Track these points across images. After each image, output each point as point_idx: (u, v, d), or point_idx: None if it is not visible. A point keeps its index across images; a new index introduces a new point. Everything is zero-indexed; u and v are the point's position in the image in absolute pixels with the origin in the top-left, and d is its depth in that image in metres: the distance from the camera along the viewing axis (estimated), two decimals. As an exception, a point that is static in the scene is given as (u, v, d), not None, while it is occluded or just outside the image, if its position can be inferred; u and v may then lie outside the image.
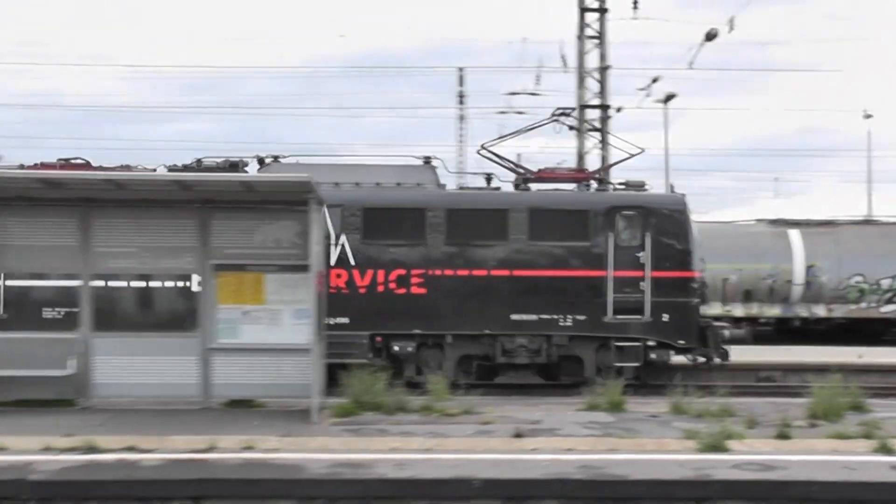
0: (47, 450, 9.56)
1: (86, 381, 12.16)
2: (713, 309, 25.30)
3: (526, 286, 16.28)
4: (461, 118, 49.97)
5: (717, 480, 8.43)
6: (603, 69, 26.18)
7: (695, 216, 17.98)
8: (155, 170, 16.42)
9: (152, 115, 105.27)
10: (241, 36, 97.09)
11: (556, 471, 8.69)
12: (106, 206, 12.27)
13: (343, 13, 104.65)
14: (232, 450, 9.61)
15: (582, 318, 16.33)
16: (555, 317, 16.34)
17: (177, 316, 13.03)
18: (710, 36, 24.56)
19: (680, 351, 16.89)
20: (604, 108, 26.42)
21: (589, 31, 26.10)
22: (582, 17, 25.96)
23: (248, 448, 9.67)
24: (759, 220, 30.08)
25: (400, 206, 16.52)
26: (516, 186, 17.77)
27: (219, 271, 12.12)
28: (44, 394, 12.15)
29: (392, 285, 16.07)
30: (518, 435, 10.30)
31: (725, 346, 16.96)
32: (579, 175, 18.84)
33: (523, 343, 16.27)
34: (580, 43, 26.12)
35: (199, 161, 17.56)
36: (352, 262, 16.25)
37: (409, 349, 16.09)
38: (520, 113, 43.22)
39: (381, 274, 16.10)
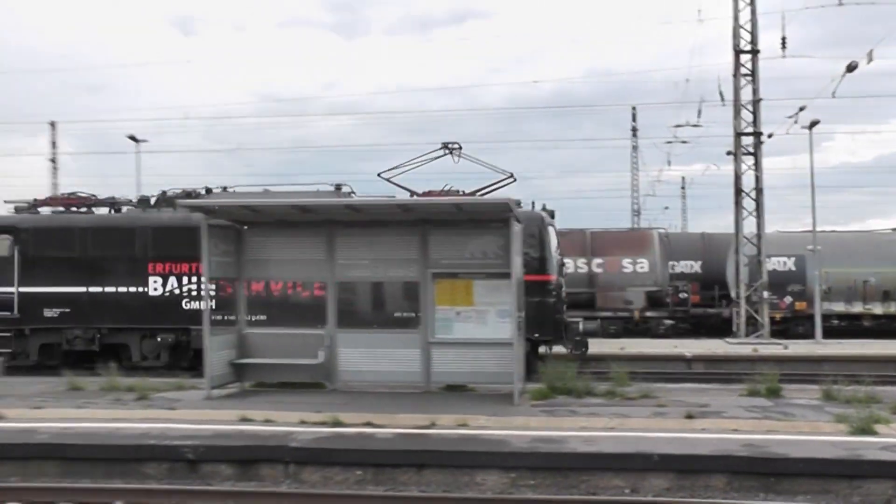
0: (303, 423, 10.80)
1: (332, 368, 13.83)
2: (855, 308, 29.07)
3: None
4: (634, 148, 54.49)
5: (867, 461, 8.67)
6: (755, 102, 28.83)
7: (557, 228, 19.60)
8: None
9: (384, 153, 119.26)
10: (452, 84, 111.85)
11: (722, 448, 9.10)
12: (346, 227, 13.91)
13: (537, 62, 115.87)
14: (448, 426, 10.51)
15: None
16: None
17: (403, 316, 15.03)
18: (851, 68, 25.04)
19: (536, 343, 18.24)
20: (757, 135, 28.97)
21: (743, 70, 28.91)
22: (737, 59, 28.97)
23: (462, 425, 10.54)
24: (894, 230, 33.27)
25: None
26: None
27: (436, 279, 13.54)
28: (300, 378, 14.02)
29: None
30: (689, 416, 10.95)
31: (580, 339, 18.99)
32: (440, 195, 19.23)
33: None
34: (736, 80, 29.07)
35: (163, 192, 20.71)
36: None
37: None
38: (684, 142, 46.06)
39: None
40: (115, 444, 10.09)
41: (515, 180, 18.28)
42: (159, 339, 19.57)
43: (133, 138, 27.92)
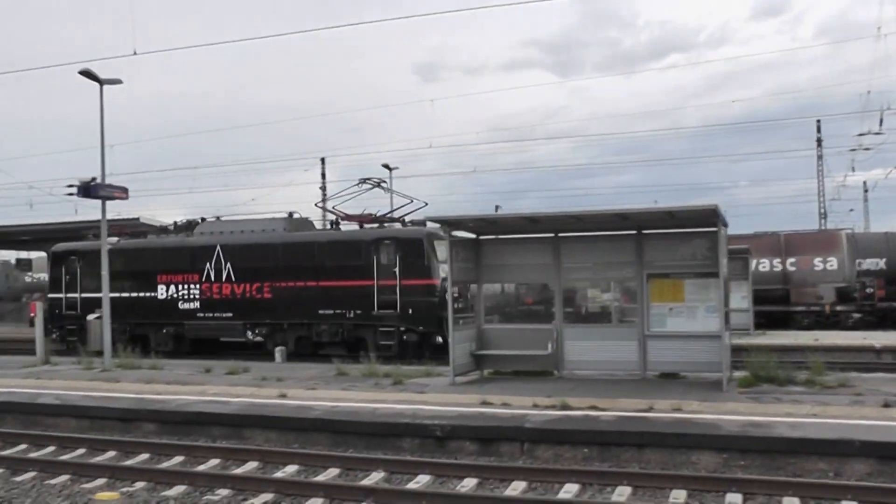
0: (535, 406, 11.53)
1: (559, 358, 14.75)
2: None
3: None
4: (819, 158, 53.87)
5: None
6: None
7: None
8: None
9: (597, 171, 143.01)
10: (654, 109, 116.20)
11: (923, 436, 8.79)
12: (570, 235, 14.98)
13: (733, 86, 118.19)
14: (664, 410, 10.96)
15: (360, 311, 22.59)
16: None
17: (621, 311, 16.20)
18: None
19: (422, 335, 21.88)
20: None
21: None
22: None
23: (677, 409, 10.97)
24: None
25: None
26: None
27: (651, 279, 14.22)
28: (531, 367, 15.03)
29: None
30: (886, 405, 11.00)
31: None
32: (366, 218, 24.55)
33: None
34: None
35: (188, 221, 27.65)
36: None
37: None
38: (867, 149, 45.63)
39: None
40: (375, 420, 11.38)
41: (427, 205, 24.47)
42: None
43: (386, 166, 31.12)
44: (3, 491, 9.48)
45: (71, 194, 18.92)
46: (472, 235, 15.59)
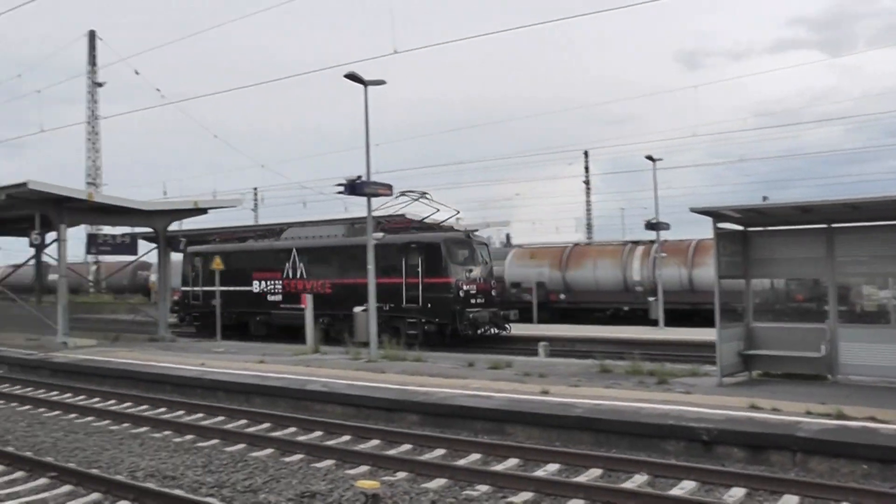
0: (808, 413, 10.92)
1: (833, 361, 13.84)
2: None
3: None
4: None
5: None
6: None
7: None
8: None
9: (872, 156, 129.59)
10: None
11: None
12: (844, 226, 14.04)
13: None
14: None
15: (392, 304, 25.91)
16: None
17: None
18: None
19: (440, 325, 25.52)
20: None
21: None
22: None
23: None
24: None
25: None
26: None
27: None
28: (801, 369, 14.24)
29: None
30: None
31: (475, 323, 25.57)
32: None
33: None
34: None
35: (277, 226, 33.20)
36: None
37: None
38: None
39: None
40: (638, 421, 11.23)
41: (459, 212, 29.57)
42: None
43: (650, 158, 30.30)
44: (273, 470, 10.23)
45: (339, 192, 19.78)
46: (739, 228, 15.06)
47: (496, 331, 26.82)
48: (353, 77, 19.72)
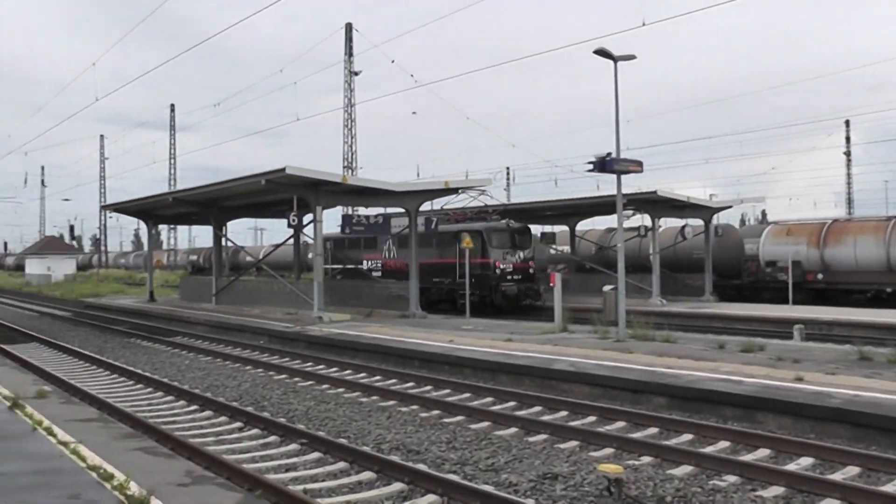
0: None
1: None
2: None
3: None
4: None
5: None
6: None
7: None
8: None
9: None
10: None
11: None
12: None
13: None
14: None
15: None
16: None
17: None
18: None
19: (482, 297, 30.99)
20: None
21: None
22: None
23: None
24: None
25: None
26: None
27: None
28: None
29: None
30: None
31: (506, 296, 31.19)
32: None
33: None
34: None
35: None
36: None
37: None
38: None
39: None
40: None
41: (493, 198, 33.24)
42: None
43: None
44: (517, 450, 10.38)
45: (590, 170, 19.49)
46: None
47: (530, 301, 31.95)
48: (602, 53, 19.44)
